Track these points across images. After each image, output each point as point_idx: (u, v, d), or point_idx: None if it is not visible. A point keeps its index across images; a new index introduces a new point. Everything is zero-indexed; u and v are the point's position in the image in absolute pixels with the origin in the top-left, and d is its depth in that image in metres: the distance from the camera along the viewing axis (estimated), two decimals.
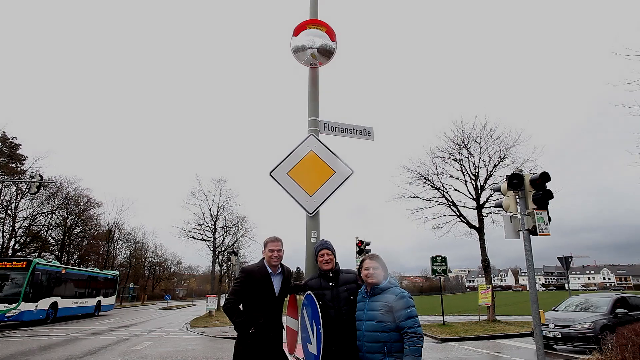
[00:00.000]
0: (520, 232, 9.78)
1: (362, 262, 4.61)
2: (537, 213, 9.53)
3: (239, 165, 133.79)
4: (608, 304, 15.45)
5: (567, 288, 36.04)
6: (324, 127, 5.86)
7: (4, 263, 28.08)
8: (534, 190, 9.65)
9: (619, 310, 14.92)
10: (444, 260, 26.95)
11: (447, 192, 28.85)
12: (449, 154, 29.03)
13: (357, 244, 25.21)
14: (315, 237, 5.26)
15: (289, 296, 5.16)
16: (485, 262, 27.12)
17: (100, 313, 40.47)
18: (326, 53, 5.96)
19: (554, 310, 16.93)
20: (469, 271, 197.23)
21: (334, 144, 5.71)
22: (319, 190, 5.41)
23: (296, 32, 6.04)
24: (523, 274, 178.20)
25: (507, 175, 9.98)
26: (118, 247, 74.09)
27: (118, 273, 47.63)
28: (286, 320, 5.22)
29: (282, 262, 5.06)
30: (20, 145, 49.27)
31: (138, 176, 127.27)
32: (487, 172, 27.74)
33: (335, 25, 6.07)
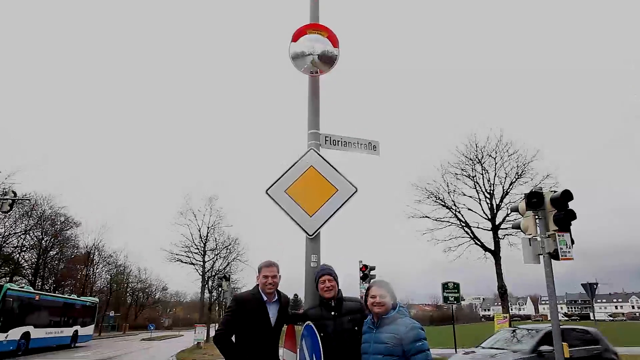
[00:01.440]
0: (541, 257, 9.75)
1: (368, 289, 4.58)
2: (558, 235, 9.51)
3: (232, 183, 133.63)
4: (535, 339, 14.13)
5: (592, 318, 35.82)
6: (326, 140, 5.87)
7: None
8: (555, 210, 9.64)
9: (543, 348, 13.46)
10: (456, 286, 26.83)
11: (459, 212, 28.92)
12: (462, 169, 29.18)
13: (361, 269, 25.11)
14: (316, 261, 5.24)
15: (286, 327, 5.12)
16: (502, 289, 27.02)
17: (77, 344, 40.13)
18: (328, 60, 5.98)
19: (479, 346, 16.12)
20: (483, 299, 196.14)
21: (337, 159, 5.72)
22: (319, 210, 5.40)
23: (295, 37, 6.07)
24: (544, 302, 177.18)
25: (525, 194, 9.99)
26: (98, 271, 73.76)
27: (97, 300, 47.41)
28: (283, 353, 5.17)
29: (278, 289, 5.03)
30: None
31: (121, 193, 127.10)
32: (504, 189, 27.81)
33: (338, 31, 6.10)
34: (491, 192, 28.14)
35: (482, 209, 28.34)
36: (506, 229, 27.43)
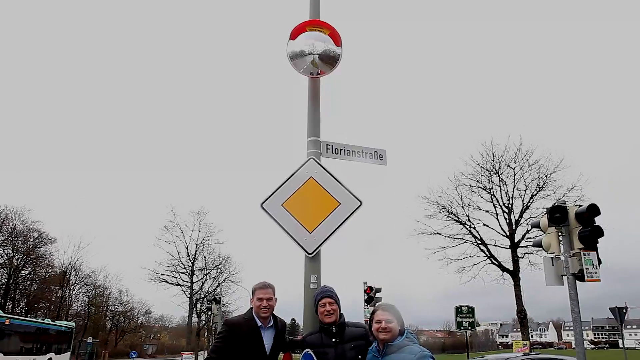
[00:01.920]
0: (564, 278, 9.72)
1: (373, 313, 4.56)
2: (584, 254, 9.49)
3: (223, 195, 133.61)
4: None
5: (621, 346, 35.72)
6: (327, 149, 5.87)
7: None
8: (581, 227, 9.63)
9: None
10: (470, 311, 26.76)
11: (474, 228, 28.91)
12: (477, 181, 29.22)
13: (365, 291, 25.06)
14: (316, 282, 5.23)
15: (282, 355, 5.10)
16: (522, 313, 26.94)
17: None
18: (329, 60, 5.99)
19: None
20: (501, 324, 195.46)
21: (339, 169, 5.71)
22: (320, 226, 5.39)
23: (294, 34, 6.08)
24: (568, 329, 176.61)
25: (547, 208, 9.98)
26: (74, 292, 73.58)
27: (74, 324, 47.25)
28: None
29: (274, 313, 5.01)
30: None
31: (100, 207, 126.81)
32: (523, 203, 27.83)
33: (341, 27, 6.11)
34: (510, 206, 28.17)
35: (500, 225, 28.41)
36: (526, 247, 27.46)
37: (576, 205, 9.96)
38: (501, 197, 28.59)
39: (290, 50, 6.01)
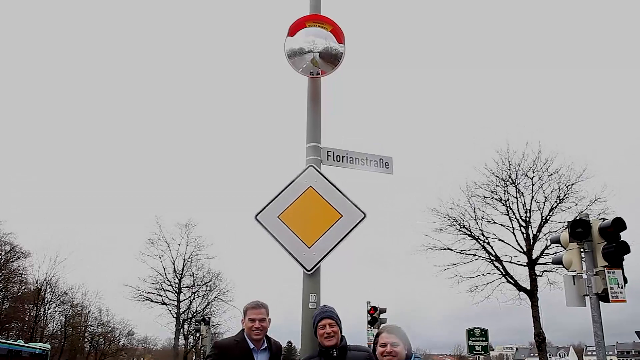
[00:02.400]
0: (587, 298, 9.71)
1: (377, 336, 4.56)
2: (608, 272, 9.48)
3: (213, 206, 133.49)
4: None
5: None
6: (328, 155, 5.87)
7: None
8: (605, 242, 9.62)
9: None
10: (484, 333, 26.69)
11: (488, 243, 28.86)
12: (492, 192, 29.18)
13: (369, 312, 25.05)
14: (315, 302, 5.22)
15: None
16: (540, 336, 26.88)
17: None
18: (331, 59, 5.99)
19: None
20: (517, 349, 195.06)
21: (341, 178, 5.71)
22: (320, 240, 5.38)
23: (292, 31, 6.08)
24: (590, 354, 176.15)
25: (568, 222, 9.98)
26: (50, 311, 73.29)
27: (49, 347, 47.11)
28: None
29: (268, 334, 5.01)
30: None
31: (79, 219, 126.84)
32: (542, 216, 27.77)
33: (344, 23, 6.10)
34: (527, 219, 28.12)
35: (516, 240, 28.33)
36: (545, 264, 27.38)
37: (600, 219, 9.96)
38: (518, 210, 28.58)
39: (289, 47, 6.00)
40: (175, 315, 46.66)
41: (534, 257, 27.33)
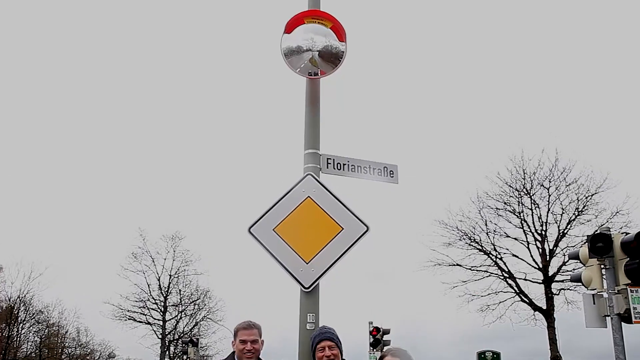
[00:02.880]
0: (608, 318, 9.70)
1: (381, 359, 4.55)
2: (631, 291, 9.47)
3: (202, 217, 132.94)
4: None
5: None
6: (328, 163, 5.86)
7: None
8: (627, 258, 9.62)
9: None
10: (496, 357, 26.71)
11: (501, 259, 28.90)
12: (505, 203, 29.21)
13: (371, 333, 25.03)
14: (313, 322, 5.20)
15: None
16: None
17: None
18: (331, 58, 5.98)
19: None
20: None
21: (342, 187, 5.71)
22: (319, 255, 5.35)
23: (289, 27, 6.07)
24: None
25: (588, 236, 9.99)
26: (24, 331, 73.16)
27: None
28: None
29: (260, 357, 5.00)
30: None
31: (55, 229, 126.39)
32: (559, 230, 27.81)
33: (345, 20, 6.10)
34: (543, 233, 28.14)
35: (531, 255, 28.35)
36: (562, 281, 27.39)
37: (622, 233, 9.97)
38: (533, 223, 28.61)
39: (285, 45, 5.99)
40: (160, 336, 46.56)
41: (550, 274, 27.33)
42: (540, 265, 27.90)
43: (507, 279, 28.62)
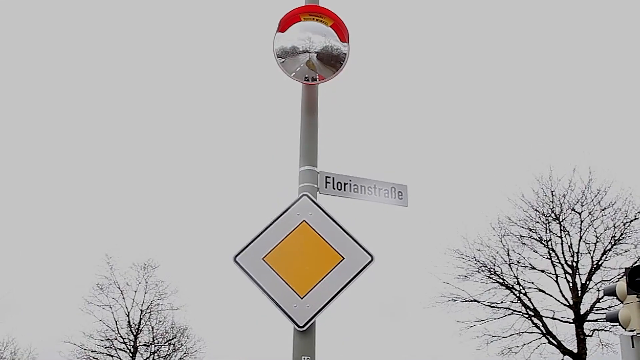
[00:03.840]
0: None
1: None
2: None
3: (179, 244, 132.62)
4: None
5: None
6: (327, 182, 5.86)
7: None
8: None
9: None
10: None
11: (525, 294, 28.83)
12: (530, 230, 29.18)
13: None
14: None
15: None
16: None
17: None
18: (331, 61, 6.01)
19: None
20: None
21: (343, 210, 5.70)
22: (315, 289, 5.33)
23: (283, 25, 6.09)
24: None
25: (626, 268, 9.99)
26: None
27: None
28: None
29: None
30: None
31: (6, 258, 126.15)
32: (593, 261, 27.78)
33: (348, 18, 6.12)
34: (574, 264, 28.11)
35: (560, 291, 28.27)
36: (596, 321, 27.35)
37: None
38: (562, 253, 28.56)
39: (279, 46, 6.01)
40: None
41: (582, 312, 27.30)
42: (571, 302, 27.86)
43: (533, 318, 28.57)
